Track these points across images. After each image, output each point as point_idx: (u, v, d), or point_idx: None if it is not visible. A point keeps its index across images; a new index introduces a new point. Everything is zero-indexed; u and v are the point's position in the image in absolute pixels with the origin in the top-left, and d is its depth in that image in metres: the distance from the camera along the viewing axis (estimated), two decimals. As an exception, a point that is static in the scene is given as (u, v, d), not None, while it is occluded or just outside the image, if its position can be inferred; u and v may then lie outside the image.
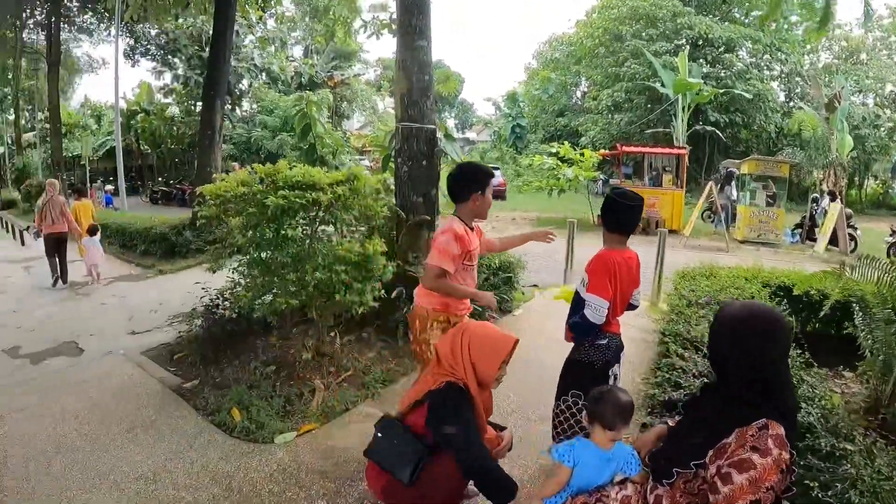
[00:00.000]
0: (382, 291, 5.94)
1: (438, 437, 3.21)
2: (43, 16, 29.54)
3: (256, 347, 6.62)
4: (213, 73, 13.56)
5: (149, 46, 31.38)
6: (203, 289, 7.10)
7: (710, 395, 2.73)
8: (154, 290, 10.68)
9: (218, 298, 7.01)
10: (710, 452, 2.40)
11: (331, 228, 5.98)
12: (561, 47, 45.24)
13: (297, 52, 42.12)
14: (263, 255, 5.60)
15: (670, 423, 3.06)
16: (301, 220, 5.62)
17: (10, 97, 39.58)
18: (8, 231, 20.64)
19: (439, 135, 7.69)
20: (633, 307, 4.17)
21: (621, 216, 3.81)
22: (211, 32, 27.41)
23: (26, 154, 37.97)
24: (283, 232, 5.49)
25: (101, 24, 31.26)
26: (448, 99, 56.82)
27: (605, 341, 3.88)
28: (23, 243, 17.18)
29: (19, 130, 38.69)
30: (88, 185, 26.44)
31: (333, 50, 38.73)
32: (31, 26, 32.67)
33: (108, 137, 38.55)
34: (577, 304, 3.87)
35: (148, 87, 36.25)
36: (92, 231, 11.68)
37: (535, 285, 9.88)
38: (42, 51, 31.25)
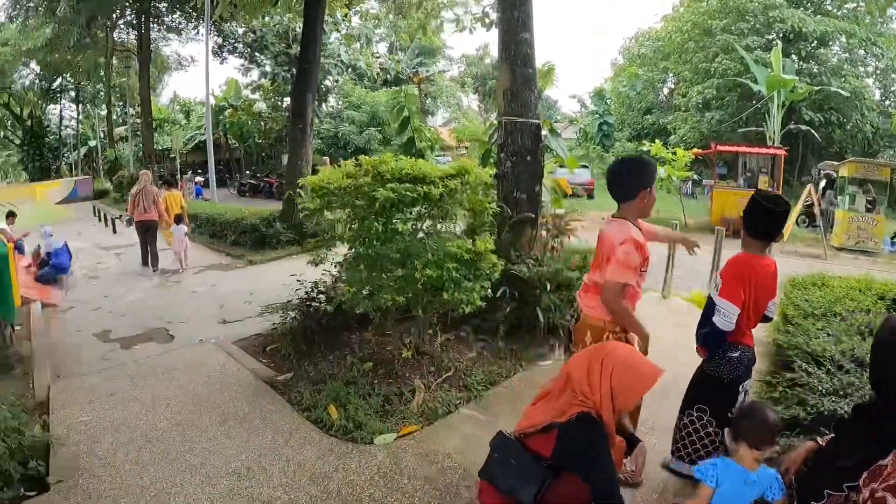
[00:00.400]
0: (489, 290, 5.65)
1: (570, 468, 2.96)
2: (133, 16, 30.80)
3: (351, 342, 6.46)
4: (303, 68, 13.58)
5: (236, 45, 32.17)
6: (298, 281, 6.95)
7: (865, 414, 2.57)
8: (244, 281, 10.76)
9: (313, 291, 6.84)
10: (865, 475, 2.24)
11: (429, 223, 5.72)
12: (647, 43, 43.96)
13: (382, 49, 42.60)
14: (369, 249, 5.37)
15: (820, 441, 2.83)
16: (410, 215, 5.38)
17: (102, 93, 41.28)
18: (100, 219, 21.37)
19: (544, 130, 7.38)
20: (767, 319, 3.79)
21: (767, 221, 3.47)
22: (297, 30, 28.64)
23: (118, 147, 39.51)
24: (392, 226, 5.25)
25: (189, 24, 32.29)
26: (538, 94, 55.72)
27: (736, 354, 3.57)
28: (114, 231, 17.72)
29: (111, 124, 40.34)
30: (179, 176, 27.27)
31: (418, 47, 38.96)
32: (122, 26, 34.23)
33: (197, 132, 39.87)
34: (709, 308, 3.56)
35: (235, 83, 37.18)
36: (177, 220, 12.14)
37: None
38: (133, 49, 32.47)
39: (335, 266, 5.95)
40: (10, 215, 14.06)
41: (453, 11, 14.14)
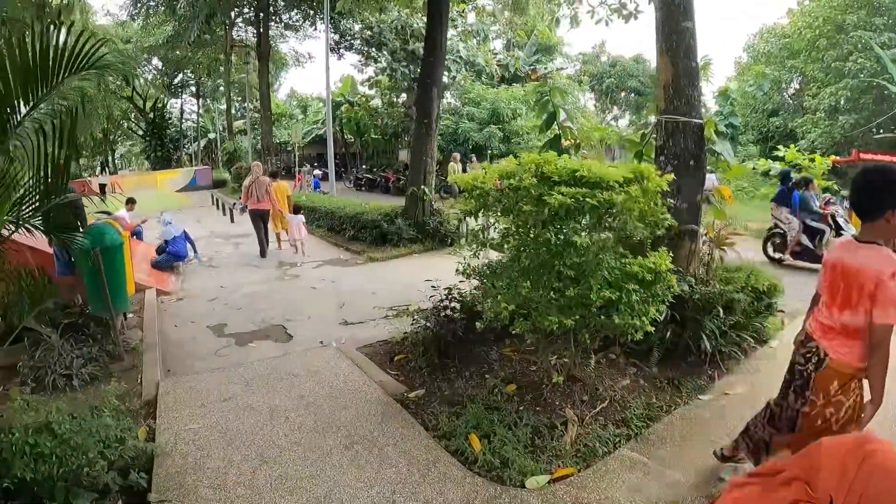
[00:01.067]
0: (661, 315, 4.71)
1: None
2: (252, 13, 31.81)
3: (489, 359, 5.71)
4: (428, 61, 12.98)
5: (352, 41, 32.26)
6: (433, 287, 6.26)
7: None
8: (365, 279, 10.23)
9: (447, 299, 6.09)
10: None
11: (604, 235, 4.79)
12: (773, 39, 40.85)
13: (498, 46, 41.83)
14: (534, 262, 4.52)
15: None
16: (581, 224, 4.50)
17: (221, 88, 43.23)
18: (218, 208, 21.74)
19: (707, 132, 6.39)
20: None
21: None
22: (414, 26, 28.60)
23: (236, 139, 40.81)
24: (565, 237, 4.36)
25: (307, 21, 32.85)
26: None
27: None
28: (232, 220, 17.84)
29: (230, 118, 41.84)
30: (297, 169, 27.56)
31: (535, 44, 37.97)
32: (241, 24, 35.53)
33: (314, 126, 40.81)
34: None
35: (351, 80, 37.50)
36: (296, 209, 12.93)
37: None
38: (251, 45, 33.42)
39: (471, 272, 5.12)
40: (130, 202, 14.19)
41: (588, 3, 13.22)
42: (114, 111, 39.31)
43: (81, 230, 7.88)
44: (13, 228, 4.91)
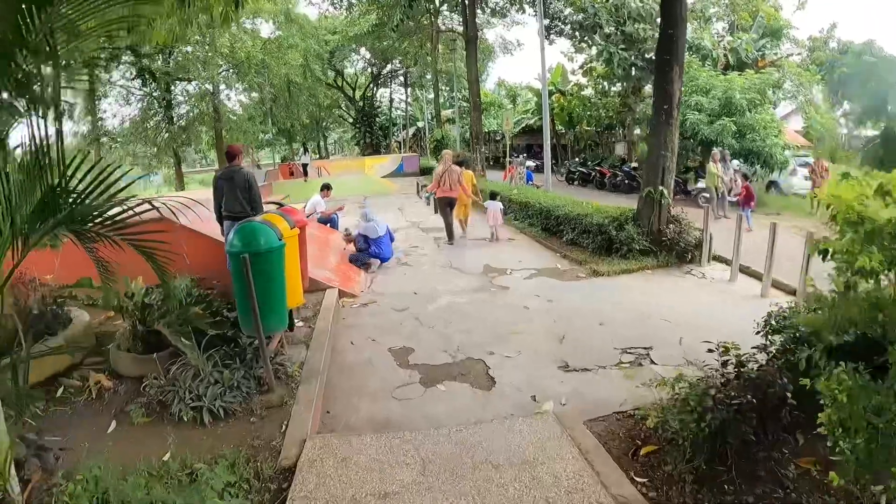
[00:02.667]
0: None
1: None
2: (457, -1, 31.36)
3: (781, 473, 3.47)
4: (666, 34, 10.42)
5: (563, 26, 30.15)
6: (710, 349, 4.19)
7: None
8: (588, 299, 8.13)
9: (731, 369, 3.87)
10: None
11: None
12: None
13: (718, 29, 37.31)
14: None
15: None
16: None
17: (429, 76, 43.07)
18: (421, 197, 20.80)
19: None
20: None
21: None
22: (632, 5, 25.78)
23: (445, 128, 40.46)
24: None
25: (514, 6, 31.34)
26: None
27: None
28: (435, 210, 16.52)
29: (438, 106, 41.91)
30: (508, 159, 25.95)
31: (760, 26, 33.05)
32: (446, 12, 35.20)
33: (523, 116, 39.26)
34: None
35: (561, 68, 35.52)
36: (493, 195, 13.22)
37: None
38: (457, 32, 32.71)
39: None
40: (326, 188, 13.35)
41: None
42: (319, 98, 40.59)
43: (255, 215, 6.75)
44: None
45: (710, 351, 4.16)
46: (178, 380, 4.87)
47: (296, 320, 6.89)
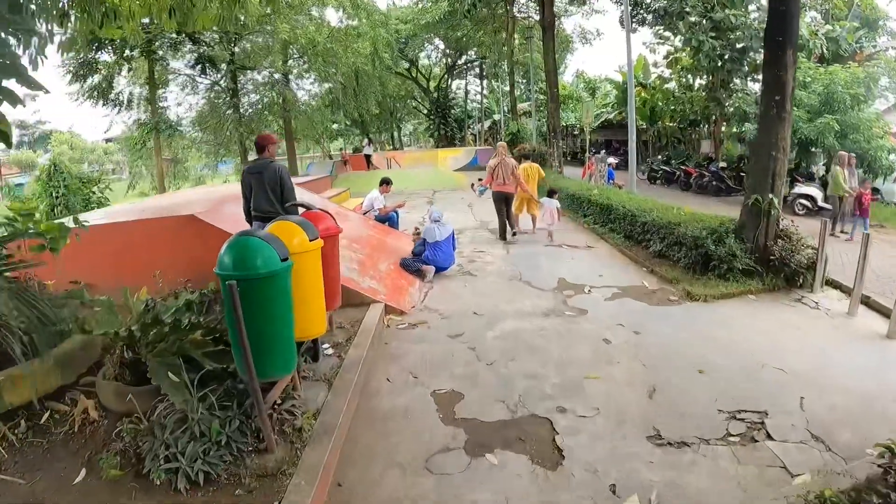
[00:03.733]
0: None
1: None
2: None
3: None
4: (777, 12, 8.70)
5: (645, 15, 28.23)
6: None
7: None
8: (683, 333, 6.56)
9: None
10: None
11: None
12: None
13: (809, 18, 34.30)
14: None
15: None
16: None
17: (504, 68, 41.68)
18: (475, 191, 19.50)
19: None
20: None
21: None
22: None
23: (520, 121, 39.04)
24: None
25: None
26: None
27: None
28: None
29: (514, 98, 40.07)
30: (586, 155, 24.28)
31: (856, 16, 30.06)
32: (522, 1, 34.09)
33: (602, 109, 37.51)
34: None
35: (643, 60, 33.58)
36: (550, 193, 12.54)
37: None
38: (533, 20, 31.91)
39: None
40: (385, 182, 12.36)
41: None
42: (389, 87, 39.74)
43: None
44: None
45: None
46: (159, 426, 3.82)
47: (324, 347, 5.79)
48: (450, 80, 51.75)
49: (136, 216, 7.70)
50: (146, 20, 19.31)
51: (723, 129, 26.39)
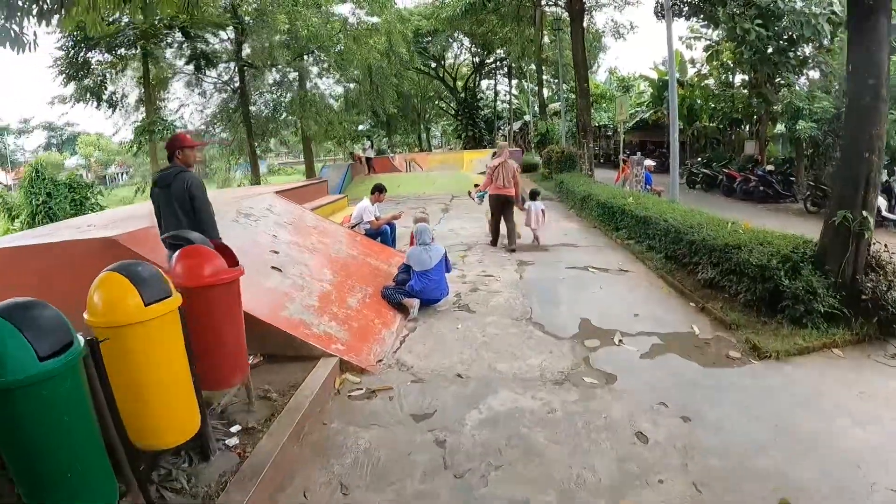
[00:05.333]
0: None
1: None
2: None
3: None
4: None
5: (681, 6, 25.99)
6: None
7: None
8: (753, 420, 4.41)
9: None
10: None
11: None
12: None
13: None
14: None
15: None
16: None
17: (532, 67, 40.53)
18: (473, 197, 17.56)
19: None
20: None
21: None
22: None
23: (551, 122, 37.04)
24: None
25: None
26: None
27: None
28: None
29: (542, 97, 38.55)
30: (620, 157, 21.99)
31: None
32: None
33: (637, 109, 35.35)
34: None
35: (679, 56, 31.48)
36: (533, 195, 11.86)
37: None
38: (561, 7, 30.22)
39: None
40: (377, 190, 10.54)
41: None
42: (405, 84, 37.79)
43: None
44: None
45: None
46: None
47: (232, 430, 4.00)
48: (477, 80, 50.42)
49: (62, 237, 6.01)
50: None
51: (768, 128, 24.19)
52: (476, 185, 12.93)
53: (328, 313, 6.24)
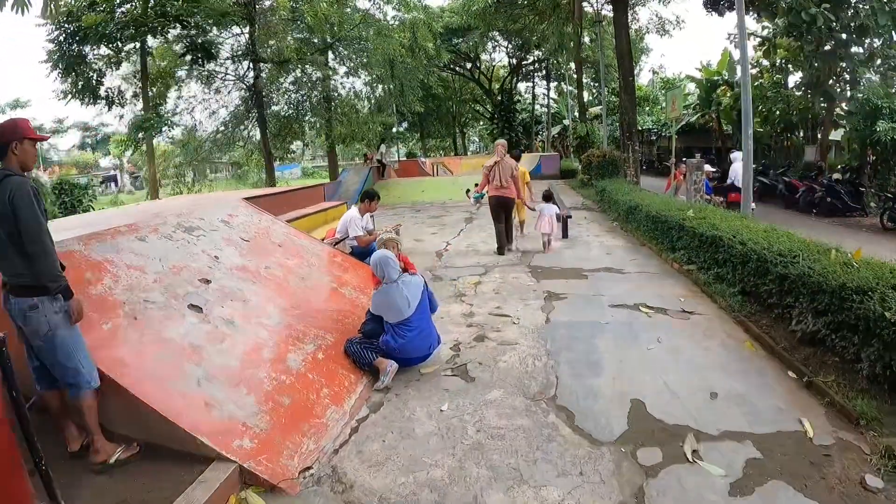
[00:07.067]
0: None
1: None
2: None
3: None
4: None
5: None
6: None
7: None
8: None
9: None
10: None
11: None
12: None
13: None
14: None
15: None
16: None
17: (571, 66, 38.97)
18: (470, 199, 15.26)
19: None
20: None
21: None
22: None
23: (591, 125, 34.75)
24: None
25: None
26: None
27: None
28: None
29: (581, 99, 36.19)
30: (672, 162, 19.48)
31: None
32: None
33: (683, 112, 33.07)
34: None
35: (728, 56, 29.24)
36: (546, 198, 11.46)
37: None
38: (601, 8, 29.24)
39: None
40: (367, 197, 8.50)
41: None
42: (431, 81, 36.23)
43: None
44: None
45: None
46: None
47: None
48: (514, 81, 48.88)
49: None
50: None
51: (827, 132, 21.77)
52: (476, 185, 12.01)
53: (249, 382, 4.20)
